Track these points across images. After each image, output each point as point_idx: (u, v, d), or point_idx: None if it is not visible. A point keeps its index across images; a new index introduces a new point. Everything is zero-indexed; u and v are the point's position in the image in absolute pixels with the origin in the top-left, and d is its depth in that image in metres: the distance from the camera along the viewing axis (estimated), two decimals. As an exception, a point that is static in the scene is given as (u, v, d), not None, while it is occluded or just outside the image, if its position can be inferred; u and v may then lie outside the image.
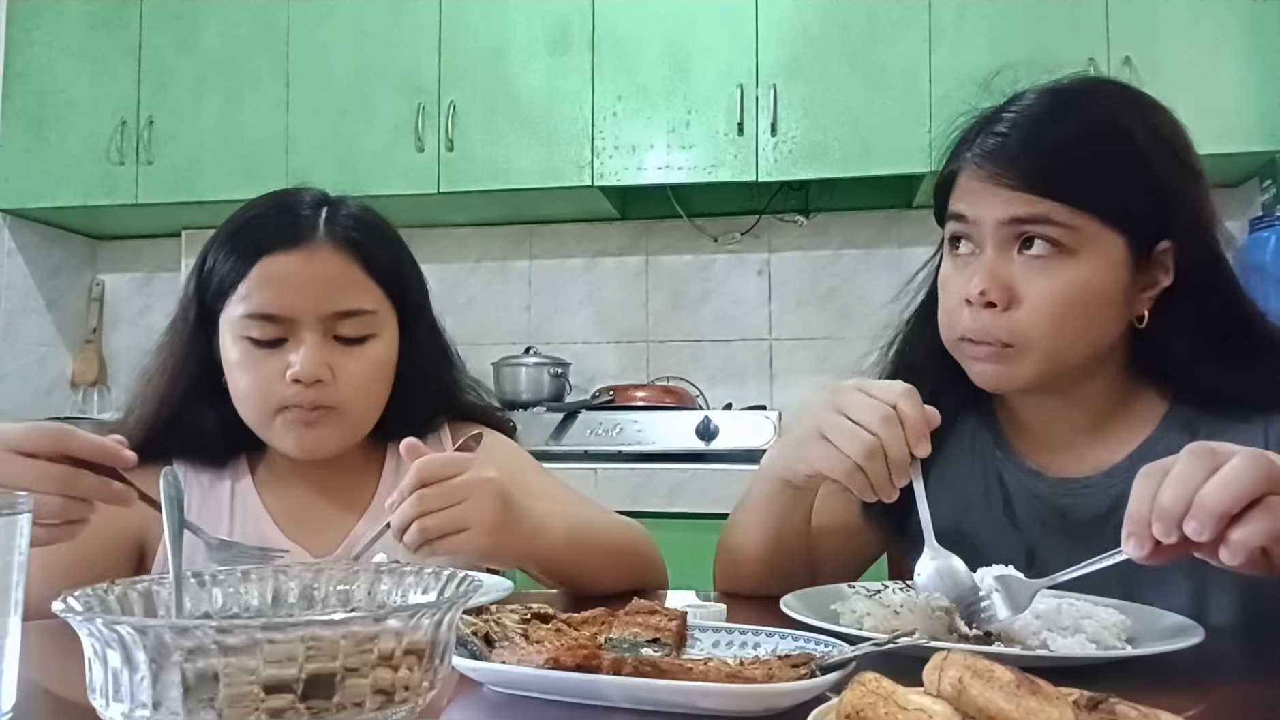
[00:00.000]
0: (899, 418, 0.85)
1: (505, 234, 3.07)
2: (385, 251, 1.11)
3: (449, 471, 0.86)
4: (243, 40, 2.85)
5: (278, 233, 1.06)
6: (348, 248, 1.07)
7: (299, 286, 1.04)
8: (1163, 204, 0.91)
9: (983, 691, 0.46)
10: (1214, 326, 0.94)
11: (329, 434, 1.07)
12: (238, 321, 1.04)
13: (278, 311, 1.04)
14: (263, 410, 1.05)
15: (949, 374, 1.03)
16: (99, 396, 3.26)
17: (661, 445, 2.42)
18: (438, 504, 0.85)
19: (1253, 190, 2.52)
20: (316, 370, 1.03)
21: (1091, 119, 0.93)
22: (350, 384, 1.06)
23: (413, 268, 1.15)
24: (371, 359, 1.08)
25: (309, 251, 1.05)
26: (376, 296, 1.09)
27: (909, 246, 2.81)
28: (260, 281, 1.04)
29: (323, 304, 1.04)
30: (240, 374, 1.05)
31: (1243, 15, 2.40)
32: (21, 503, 0.59)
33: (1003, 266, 0.92)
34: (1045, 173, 0.90)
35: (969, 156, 0.95)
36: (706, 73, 2.61)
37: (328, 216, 1.08)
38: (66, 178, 2.90)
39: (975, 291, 0.92)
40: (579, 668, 0.61)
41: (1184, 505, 0.66)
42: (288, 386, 1.03)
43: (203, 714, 0.45)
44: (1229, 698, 0.68)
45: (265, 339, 1.04)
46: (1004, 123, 0.94)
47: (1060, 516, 0.99)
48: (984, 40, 2.47)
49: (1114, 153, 0.91)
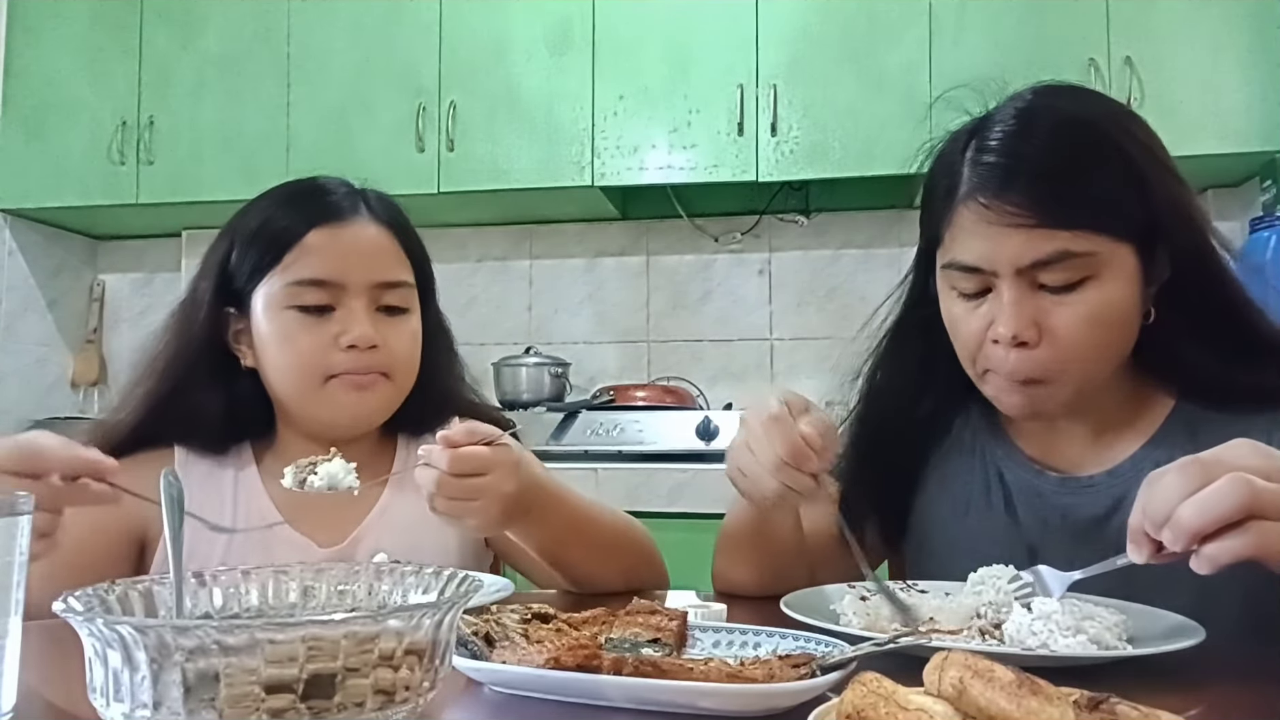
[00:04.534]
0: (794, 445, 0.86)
1: (505, 234, 3.07)
2: (413, 234, 1.17)
3: (475, 468, 0.91)
4: (243, 40, 2.85)
5: (322, 208, 1.09)
6: (387, 224, 1.12)
7: (348, 255, 1.08)
8: (1157, 207, 0.91)
9: (983, 691, 0.46)
10: (1215, 320, 0.94)
11: (379, 399, 1.10)
12: (282, 291, 1.06)
13: (328, 276, 1.06)
14: (312, 378, 1.07)
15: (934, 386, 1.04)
16: (99, 397, 3.25)
17: (662, 445, 2.42)
18: (453, 494, 0.90)
19: (1253, 190, 2.52)
20: (372, 335, 1.06)
21: (1085, 136, 0.91)
22: (398, 351, 1.10)
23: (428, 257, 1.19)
24: (412, 330, 1.12)
25: (355, 225, 1.10)
26: (411, 273, 1.13)
27: (909, 246, 2.77)
28: (308, 251, 1.07)
29: (371, 273, 1.08)
30: (285, 344, 1.07)
31: (1243, 15, 2.39)
32: (22, 503, 0.59)
33: (1026, 304, 0.89)
34: (1058, 204, 0.88)
35: (964, 191, 0.92)
36: (707, 73, 2.61)
37: (365, 197, 1.13)
38: (67, 178, 2.90)
39: (1007, 335, 0.89)
40: (579, 668, 0.61)
41: (1164, 516, 0.68)
42: (340, 353, 1.06)
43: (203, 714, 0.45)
44: (1229, 698, 0.68)
45: (313, 306, 1.06)
46: (995, 150, 0.91)
47: (1062, 515, 0.99)
48: (984, 40, 2.47)
49: (1114, 168, 0.90)
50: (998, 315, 0.90)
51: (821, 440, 0.86)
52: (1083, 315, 0.89)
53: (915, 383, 1.07)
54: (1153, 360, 0.97)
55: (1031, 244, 0.88)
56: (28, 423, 2.98)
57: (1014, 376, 0.92)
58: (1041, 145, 0.91)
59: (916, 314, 1.05)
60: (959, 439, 1.08)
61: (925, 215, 1.00)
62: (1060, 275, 0.88)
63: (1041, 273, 0.89)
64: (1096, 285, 0.89)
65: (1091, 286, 0.89)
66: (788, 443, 0.85)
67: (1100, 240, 0.88)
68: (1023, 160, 0.90)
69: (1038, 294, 0.90)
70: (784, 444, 0.85)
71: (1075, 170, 0.89)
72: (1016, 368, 0.91)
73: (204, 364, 1.09)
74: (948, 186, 0.94)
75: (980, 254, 0.91)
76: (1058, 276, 0.88)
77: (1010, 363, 0.91)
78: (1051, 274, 0.88)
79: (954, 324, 0.96)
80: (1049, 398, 0.93)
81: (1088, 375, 0.92)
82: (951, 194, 0.93)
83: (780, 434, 0.86)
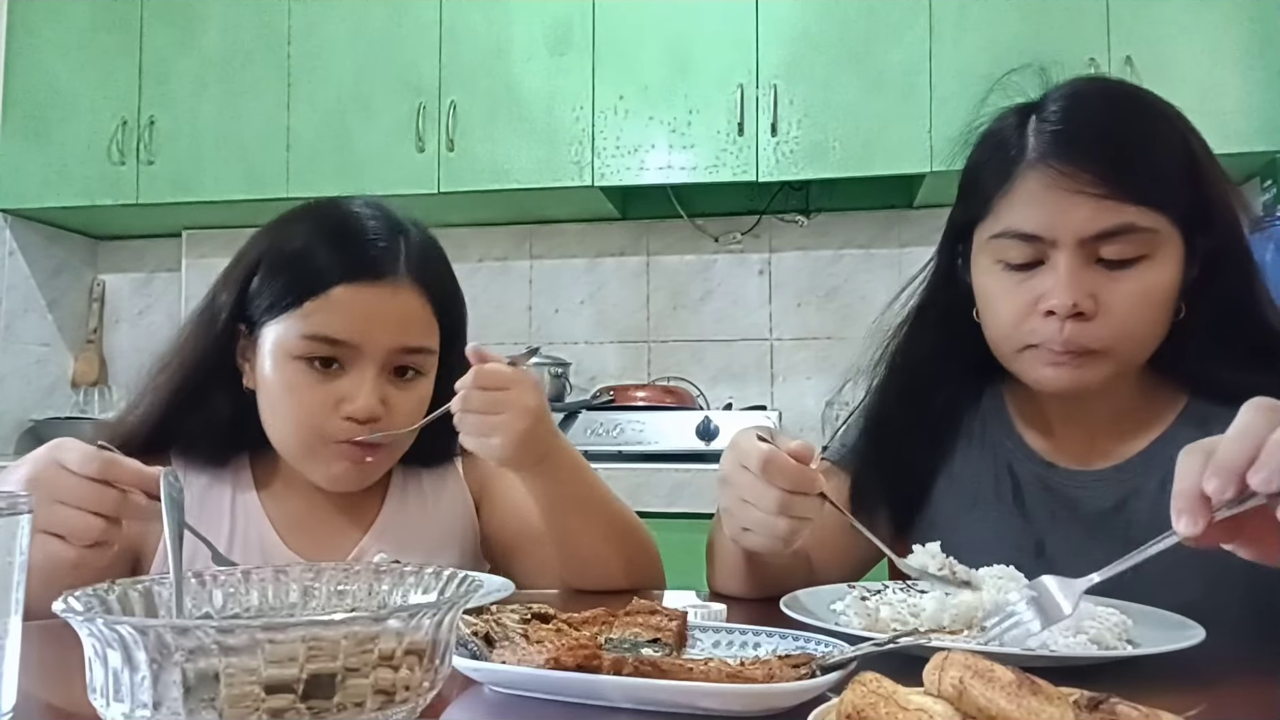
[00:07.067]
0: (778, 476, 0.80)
1: (506, 234, 3.07)
2: (451, 287, 1.11)
3: (499, 383, 0.95)
4: (243, 40, 2.85)
5: (358, 260, 1.02)
6: (424, 286, 1.05)
7: (374, 319, 1.01)
8: (1208, 196, 0.91)
9: (983, 691, 0.46)
10: (1240, 321, 0.94)
11: (373, 471, 1.06)
12: (295, 342, 1.01)
13: (346, 339, 1.01)
14: (307, 438, 1.03)
15: (951, 375, 1.03)
16: (99, 397, 3.25)
17: (662, 445, 2.42)
18: (479, 407, 0.95)
19: (1253, 190, 2.52)
20: (375, 408, 1.01)
21: (1151, 117, 0.92)
22: (400, 418, 1.04)
23: (463, 304, 1.14)
24: (421, 396, 1.07)
25: (390, 288, 1.02)
26: (437, 336, 1.08)
27: (909, 246, 2.82)
28: (332, 305, 1.00)
29: (394, 340, 1.03)
30: (286, 395, 1.02)
31: (1243, 15, 2.40)
32: (22, 503, 0.59)
33: (1085, 276, 0.89)
34: (1130, 177, 0.87)
35: (1031, 158, 0.90)
36: (707, 73, 2.61)
37: (406, 250, 1.05)
38: (67, 178, 2.90)
39: (1066, 305, 0.88)
40: (579, 668, 0.61)
41: (1248, 457, 0.62)
42: (338, 420, 1.01)
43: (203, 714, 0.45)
44: (1230, 697, 0.68)
45: (324, 362, 1.01)
46: (1064, 120, 0.91)
47: (1071, 508, 0.99)
48: (984, 40, 2.47)
49: (1178, 151, 0.91)
50: (1053, 286, 0.89)
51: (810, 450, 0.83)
52: (1137, 292, 0.89)
53: (931, 373, 1.06)
54: (1167, 357, 0.97)
55: (1100, 214, 0.87)
56: (28, 422, 2.99)
57: (1069, 347, 0.90)
58: (1111, 118, 0.91)
59: (939, 299, 1.05)
60: (968, 431, 1.08)
61: (970, 190, 0.98)
62: (1120, 249, 0.88)
63: (1103, 245, 0.88)
64: (1150, 265, 0.89)
65: (1146, 266, 0.89)
66: (787, 473, 0.80)
67: (1161, 220, 0.89)
68: (1093, 129, 0.90)
69: (1093, 268, 0.89)
70: (784, 477, 0.80)
71: (1144, 146, 0.90)
72: (1072, 338, 0.89)
73: (210, 376, 1.07)
74: (1005, 156, 0.93)
75: (1042, 222, 0.90)
76: (1117, 250, 0.88)
77: (1066, 333, 0.89)
78: (1112, 247, 0.88)
79: (994, 298, 0.95)
80: (1092, 375, 0.91)
81: (1131, 356, 0.92)
82: (1012, 163, 0.92)
83: (776, 470, 0.80)
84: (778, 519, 0.81)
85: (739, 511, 0.84)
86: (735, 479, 0.84)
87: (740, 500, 0.83)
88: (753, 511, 0.82)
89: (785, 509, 0.81)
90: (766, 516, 0.81)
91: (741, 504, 0.83)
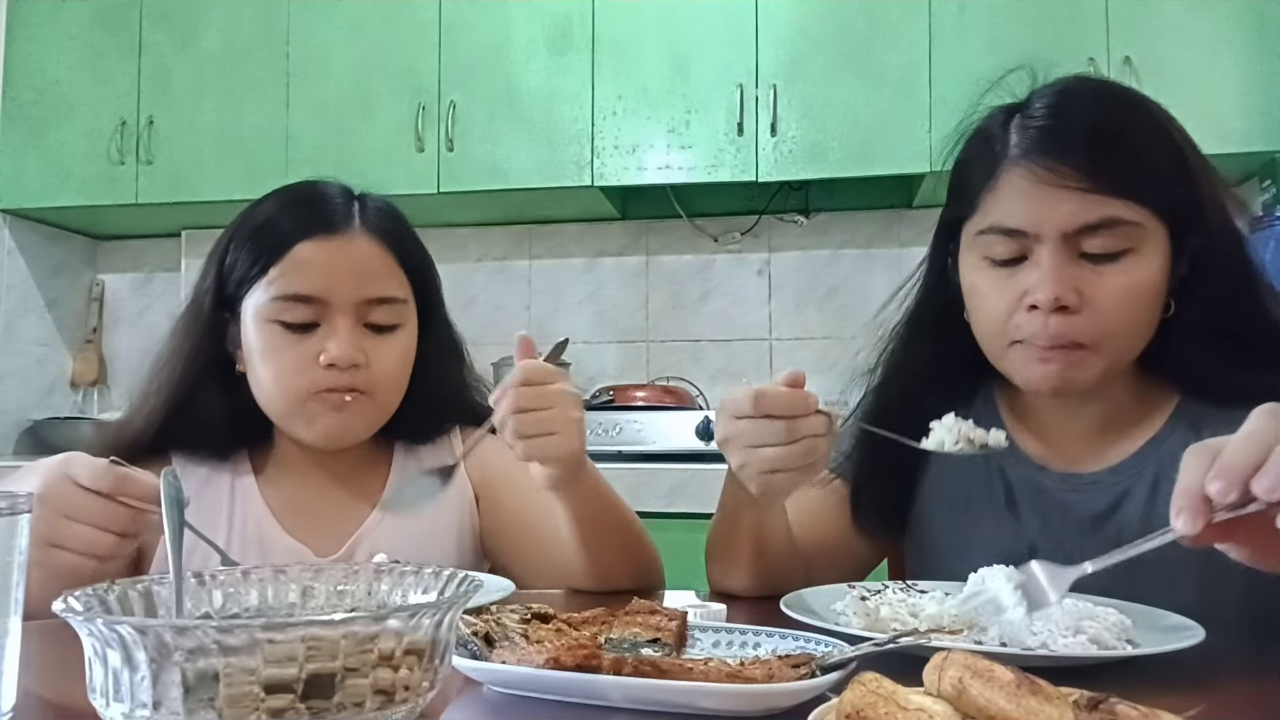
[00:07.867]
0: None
1: (505, 234, 3.07)
2: (413, 245, 1.13)
3: (545, 378, 0.91)
4: (243, 40, 2.85)
5: (314, 219, 1.07)
6: (381, 237, 1.09)
7: (335, 271, 1.05)
8: (1197, 192, 0.91)
9: (983, 691, 0.46)
10: (1230, 319, 0.94)
11: (358, 419, 1.07)
12: (266, 305, 1.04)
13: (312, 293, 1.04)
14: (292, 396, 1.05)
15: (944, 378, 1.03)
16: (99, 397, 3.25)
17: (661, 445, 2.42)
18: (530, 404, 0.90)
19: (1253, 190, 2.52)
20: (353, 355, 1.04)
21: (1135, 112, 0.92)
22: (382, 370, 1.07)
23: (432, 265, 1.16)
24: (400, 347, 1.09)
25: (346, 238, 1.07)
26: (405, 287, 1.10)
27: (909, 246, 2.81)
28: (295, 265, 1.04)
29: (358, 290, 1.06)
30: (267, 359, 1.05)
31: (1243, 15, 2.40)
32: (22, 503, 0.59)
33: (1068, 270, 0.89)
34: (1112, 170, 0.87)
35: (1015, 154, 0.91)
36: (706, 73, 2.61)
37: (362, 207, 1.10)
38: (66, 178, 2.90)
39: (1048, 298, 0.88)
40: (579, 668, 0.61)
41: (1254, 462, 0.61)
42: (320, 371, 1.04)
43: (203, 714, 0.45)
44: (1229, 697, 0.68)
45: (296, 323, 1.04)
46: (1046, 116, 0.91)
47: (1064, 511, 0.99)
48: (984, 40, 2.47)
49: (1163, 146, 0.91)
50: (1037, 280, 0.89)
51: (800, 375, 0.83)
52: (1122, 286, 0.89)
53: (925, 375, 1.06)
54: (1158, 358, 0.97)
55: (1083, 208, 0.88)
56: (27, 422, 2.98)
57: (1054, 341, 0.90)
58: (1095, 113, 0.91)
59: (933, 302, 1.05)
60: None
61: (958, 188, 0.99)
62: (1104, 243, 0.88)
63: (1086, 239, 0.88)
64: (1135, 259, 0.89)
65: (1130, 260, 0.89)
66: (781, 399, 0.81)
67: (1144, 214, 0.88)
68: (1077, 124, 0.90)
69: (1077, 262, 0.89)
70: (779, 404, 0.81)
71: (1127, 140, 0.90)
72: (1057, 331, 0.89)
73: (208, 371, 1.09)
74: (990, 153, 0.93)
75: (1026, 217, 0.90)
76: (1101, 244, 0.88)
77: (1050, 327, 0.89)
78: (1095, 241, 0.88)
79: (981, 294, 0.95)
80: (1082, 369, 0.91)
81: (1119, 352, 0.92)
82: (997, 159, 0.92)
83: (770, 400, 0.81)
84: (791, 447, 0.81)
85: (751, 461, 0.84)
86: (734, 431, 0.84)
87: (748, 449, 0.83)
88: (764, 452, 0.82)
89: (793, 433, 0.81)
90: (779, 450, 0.82)
91: (751, 451, 0.83)
